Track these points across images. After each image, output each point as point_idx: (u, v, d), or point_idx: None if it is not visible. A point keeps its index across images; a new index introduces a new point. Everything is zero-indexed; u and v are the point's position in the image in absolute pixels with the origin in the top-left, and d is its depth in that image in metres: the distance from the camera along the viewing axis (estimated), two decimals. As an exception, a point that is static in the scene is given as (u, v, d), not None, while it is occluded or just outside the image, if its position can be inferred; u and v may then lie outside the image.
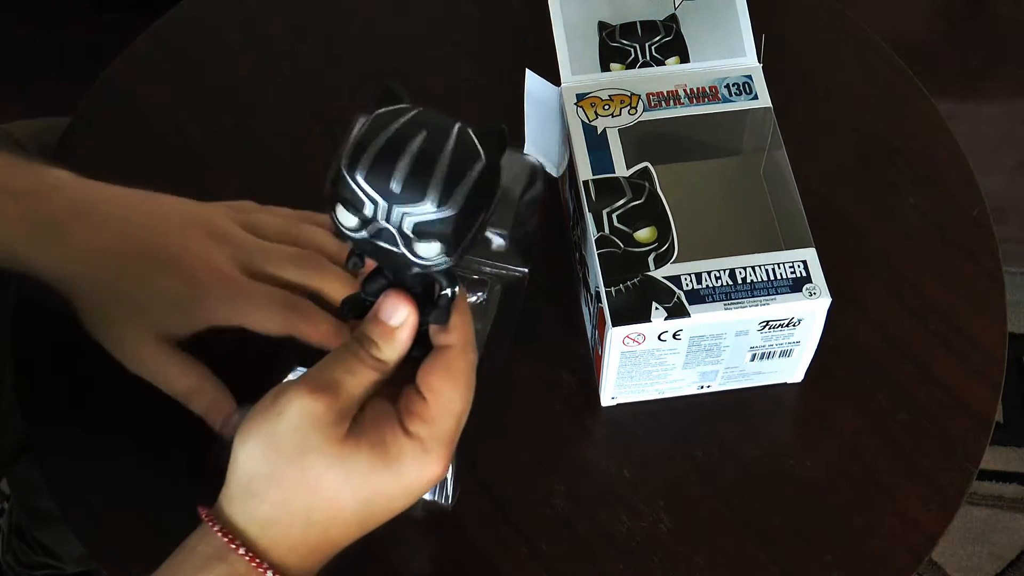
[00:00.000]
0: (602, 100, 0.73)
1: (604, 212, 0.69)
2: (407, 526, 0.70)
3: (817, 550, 0.69)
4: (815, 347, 0.70)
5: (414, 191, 0.46)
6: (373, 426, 0.50)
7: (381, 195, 0.46)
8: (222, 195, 0.81)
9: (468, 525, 0.69)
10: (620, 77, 0.74)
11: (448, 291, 0.51)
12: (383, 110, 0.47)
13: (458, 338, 0.52)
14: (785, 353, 0.70)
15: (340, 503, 0.50)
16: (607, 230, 0.68)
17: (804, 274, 0.67)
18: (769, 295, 0.66)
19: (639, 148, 0.71)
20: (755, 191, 0.76)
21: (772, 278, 0.66)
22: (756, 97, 0.74)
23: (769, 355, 0.70)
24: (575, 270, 0.76)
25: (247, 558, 0.49)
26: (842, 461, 0.71)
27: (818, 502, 0.70)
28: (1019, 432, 1.43)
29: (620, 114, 0.73)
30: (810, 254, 0.67)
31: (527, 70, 0.73)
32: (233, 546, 0.49)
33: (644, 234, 0.68)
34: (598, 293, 0.67)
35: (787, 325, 0.67)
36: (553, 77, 0.74)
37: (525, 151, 0.74)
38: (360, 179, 0.46)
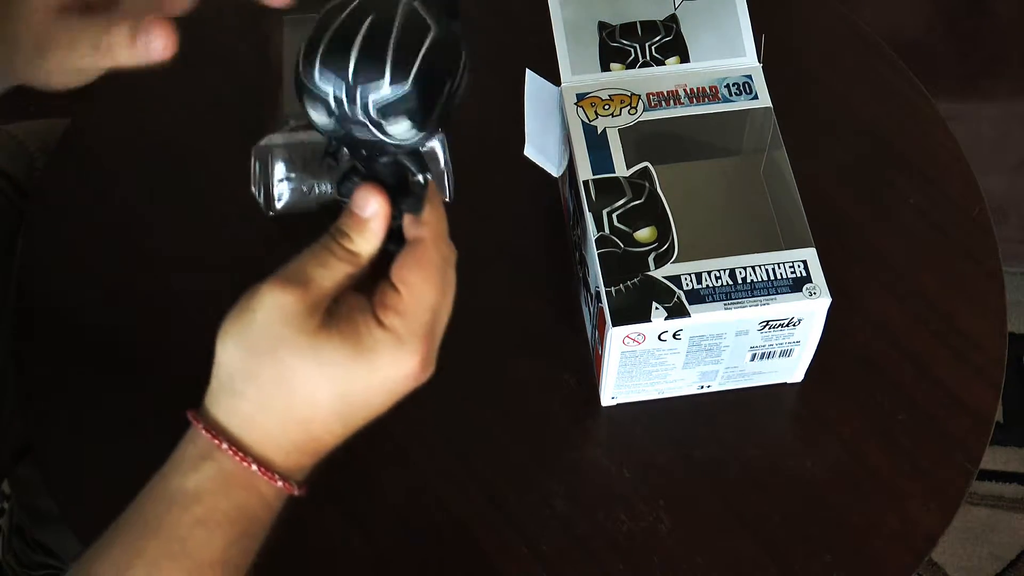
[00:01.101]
0: (602, 100, 0.73)
1: (604, 212, 0.69)
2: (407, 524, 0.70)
3: (817, 550, 0.69)
4: (815, 347, 0.70)
5: (369, 72, 0.47)
6: (347, 319, 0.50)
7: (339, 83, 0.47)
8: (223, 193, 0.81)
9: (468, 525, 0.69)
10: (620, 77, 0.74)
11: (419, 177, 0.51)
12: (330, 5, 0.48)
13: (431, 231, 0.52)
14: (785, 353, 0.70)
15: (317, 397, 0.50)
16: (607, 230, 0.68)
17: (804, 274, 0.67)
18: (769, 295, 0.66)
19: (639, 148, 0.71)
20: (755, 191, 0.76)
21: (772, 278, 0.66)
22: (756, 97, 0.74)
23: (769, 355, 0.70)
24: (575, 270, 0.76)
25: (231, 453, 0.50)
26: (842, 461, 0.71)
27: (818, 502, 0.70)
28: (1019, 432, 1.43)
29: (620, 114, 0.73)
30: (810, 254, 0.67)
31: (527, 70, 0.73)
32: (217, 442, 0.50)
33: (644, 234, 0.68)
34: (598, 293, 0.67)
35: (787, 325, 0.67)
36: (553, 77, 0.74)
37: (525, 151, 0.74)
38: (317, 72, 0.47)
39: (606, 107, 0.73)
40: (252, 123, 0.80)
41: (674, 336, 0.66)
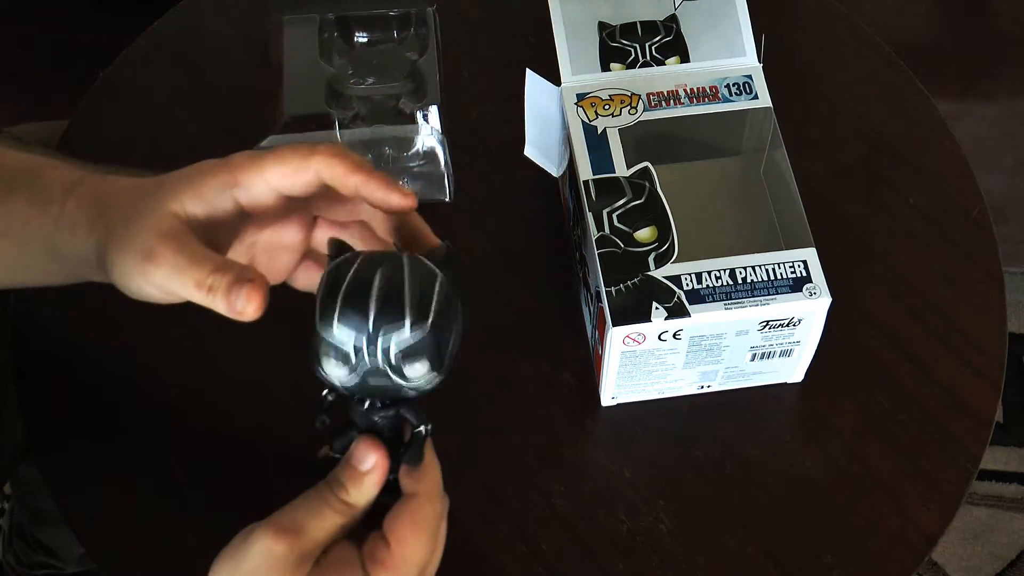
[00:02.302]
0: (602, 100, 0.73)
1: (604, 212, 0.69)
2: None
3: (817, 550, 0.69)
4: (815, 347, 0.70)
5: (390, 318, 0.49)
6: (335, 570, 0.51)
7: (360, 331, 0.49)
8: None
9: (468, 525, 0.69)
10: (620, 77, 0.74)
11: (421, 428, 0.53)
12: (334, 263, 0.50)
13: (426, 487, 0.53)
14: (785, 353, 0.70)
15: None
16: (607, 230, 0.68)
17: (804, 274, 0.67)
18: (769, 295, 0.66)
19: (639, 148, 0.71)
20: (755, 191, 0.76)
21: (772, 278, 0.67)
22: (756, 97, 0.74)
23: (769, 355, 0.70)
24: (575, 270, 0.76)
25: None
26: (842, 461, 0.71)
27: (818, 502, 0.70)
28: (1019, 432, 1.43)
29: (620, 114, 0.73)
30: (810, 254, 0.67)
31: (527, 70, 0.73)
32: None
33: (644, 234, 0.68)
34: (598, 293, 0.67)
35: (787, 325, 0.67)
36: (553, 77, 0.74)
37: (525, 151, 0.74)
38: (336, 324, 0.49)
39: (606, 107, 0.73)
40: (252, 123, 0.80)
41: (674, 336, 0.66)
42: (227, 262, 0.53)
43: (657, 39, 0.75)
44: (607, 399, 0.72)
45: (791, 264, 0.67)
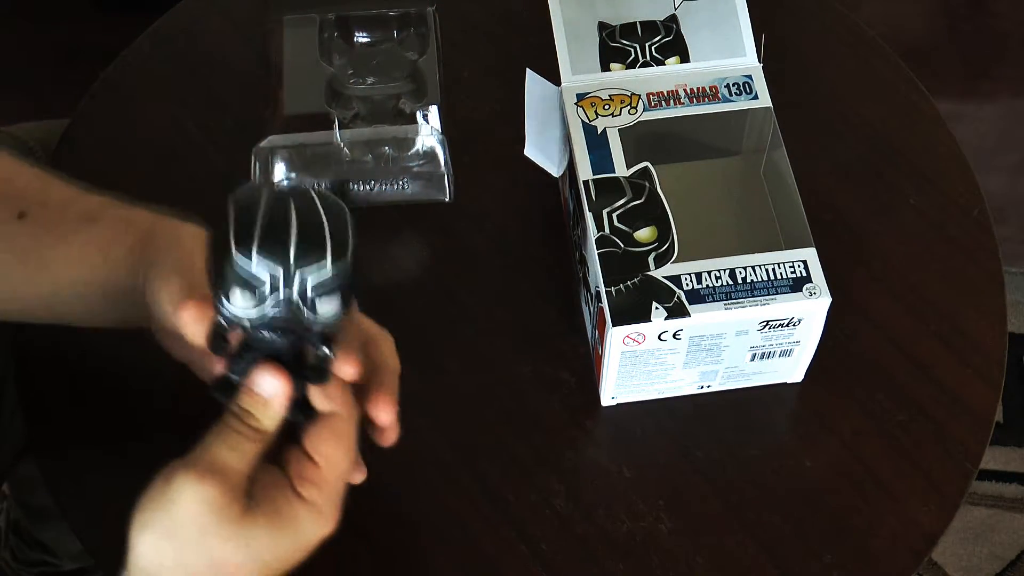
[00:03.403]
0: (602, 100, 0.73)
1: (604, 212, 0.69)
2: (406, 525, 0.70)
3: (817, 550, 0.69)
4: (815, 347, 0.70)
5: (312, 255, 0.49)
6: (266, 496, 0.52)
7: (278, 267, 0.49)
8: (221, 195, 0.81)
9: (468, 525, 0.69)
10: (620, 77, 0.74)
11: (324, 349, 0.53)
12: (242, 192, 0.50)
13: (343, 405, 0.54)
14: (785, 353, 0.70)
15: (244, 572, 0.52)
16: (607, 230, 0.68)
17: (804, 274, 0.67)
18: (769, 295, 0.66)
19: (639, 148, 0.71)
20: (755, 191, 0.76)
21: (772, 278, 0.66)
22: (756, 97, 0.74)
23: (769, 355, 0.70)
24: (575, 270, 0.76)
25: None
26: (842, 461, 0.71)
27: (818, 502, 0.70)
28: (1019, 432, 1.43)
29: (620, 114, 0.73)
30: (810, 254, 0.67)
31: (527, 70, 0.73)
32: None
33: (644, 234, 0.68)
34: (598, 293, 0.67)
35: (787, 325, 0.67)
36: (553, 77, 0.74)
37: (525, 151, 0.74)
38: (255, 261, 0.49)
39: (606, 107, 0.73)
40: (252, 123, 0.80)
41: (674, 336, 0.66)
42: None
43: (657, 39, 0.75)
44: (607, 399, 0.72)
45: (791, 264, 0.67)
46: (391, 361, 0.59)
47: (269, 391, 0.52)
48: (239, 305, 0.50)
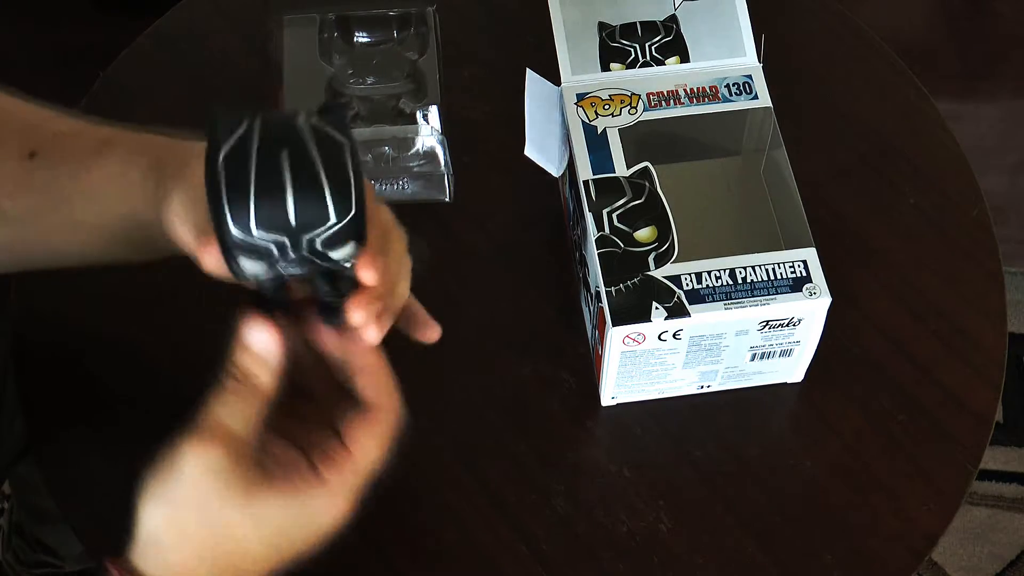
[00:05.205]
0: (602, 100, 0.73)
1: (604, 212, 0.69)
2: (406, 527, 0.70)
3: (817, 550, 0.69)
4: (815, 347, 0.70)
5: (313, 214, 0.45)
6: (280, 470, 0.51)
7: (282, 234, 0.45)
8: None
9: (468, 525, 0.69)
10: (620, 77, 0.74)
11: (345, 274, 0.50)
12: (229, 141, 0.45)
13: (391, 402, 0.53)
14: (785, 353, 0.70)
15: (251, 548, 0.51)
16: (607, 230, 0.68)
17: (804, 274, 0.67)
18: (769, 295, 0.66)
19: (639, 148, 0.71)
20: (755, 191, 0.76)
21: (772, 278, 0.67)
22: (756, 97, 0.74)
23: (769, 355, 0.70)
24: (575, 270, 0.76)
25: None
26: (842, 461, 0.71)
27: (818, 502, 0.70)
28: (1019, 432, 1.43)
29: (620, 114, 0.73)
30: (810, 254, 0.67)
31: (527, 70, 0.73)
32: None
33: (644, 234, 0.68)
34: (598, 293, 0.67)
35: (787, 325, 0.67)
36: (553, 77, 0.74)
37: (525, 151, 0.74)
38: (256, 232, 0.45)
39: (606, 107, 0.73)
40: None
41: (674, 336, 0.66)
42: None
43: (657, 39, 0.75)
44: (607, 399, 0.72)
45: (791, 264, 0.67)
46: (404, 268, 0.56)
47: (262, 346, 0.51)
48: (250, 270, 0.47)
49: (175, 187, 0.54)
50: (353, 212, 0.45)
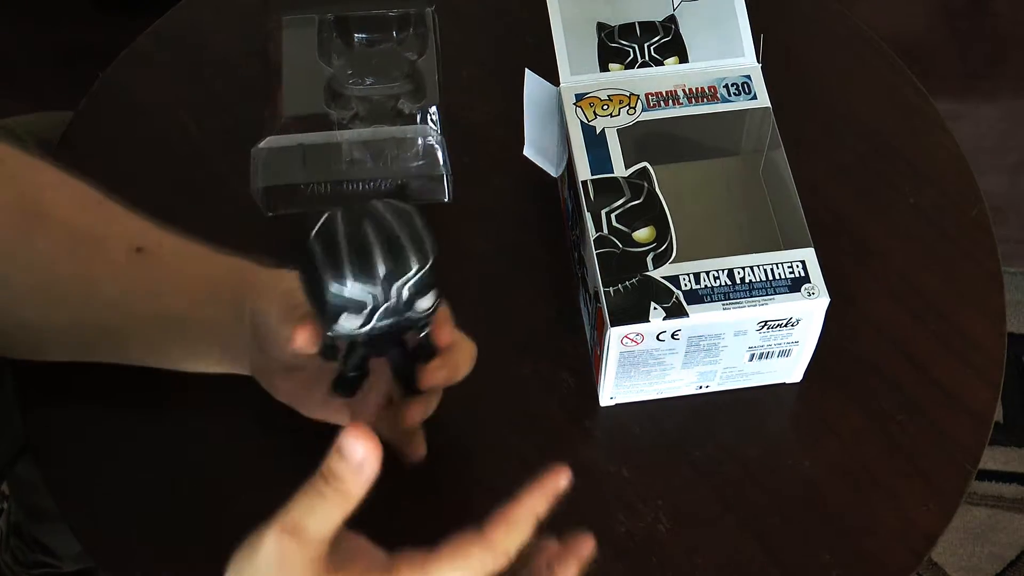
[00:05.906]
0: (601, 100, 0.73)
1: (603, 212, 0.69)
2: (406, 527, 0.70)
3: (816, 550, 0.69)
4: (814, 347, 0.70)
5: (400, 267, 0.54)
6: (359, 567, 0.52)
7: (375, 287, 0.54)
8: (223, 193, 0.81)
9: (468, 525, 0.69)
10: (619, 77, 0.74)
11: (425, 330, 0.60)
12: (318, 232, 0.55)
13: (493, 542, 0.55)
14: (784, 353, 0.70)
15: None
16: (606, 230, 0.68)
17: (803, 274, 0.67)
18: (768, 295, 0.66)
19: (638, 148, 0.71)
20: (754, 191, 0.76)
21: (771, 278, 0.67)
22: (755, 97, 0.74)
23: (768, 355, 0.70)
24: (574, 270, 0.76)
25: None
26: (842, 461, 0.71)
27: (818, 502, 0.70)
28: (1019, 432, 1.43)
29: (619, 114, 0.73)
30: (809, 254, 0.67)
31: (526, 70, 0.73)
32: None
33: (643, 234, 0.68)
34: (597, 293, 0.67)
35: (786, 325, 0.67)
36: (552, 77, 0.74)
37: (524, 151, 0.74)
38: (351, 286, 0.53)
39: (605, 107, 0.73)
40: (252, 123, 0.80)
41: (672, 336, 0.66)
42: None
43: (656, 39, 0.75)
44: (606, 399, 0.72)
45: (789, 264, 0.67)
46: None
47: (358, 456, 0.50)
48: (347, 327, 0.55)
49: (263, 298, 0.64)
50: (431, 261, 0.54)
